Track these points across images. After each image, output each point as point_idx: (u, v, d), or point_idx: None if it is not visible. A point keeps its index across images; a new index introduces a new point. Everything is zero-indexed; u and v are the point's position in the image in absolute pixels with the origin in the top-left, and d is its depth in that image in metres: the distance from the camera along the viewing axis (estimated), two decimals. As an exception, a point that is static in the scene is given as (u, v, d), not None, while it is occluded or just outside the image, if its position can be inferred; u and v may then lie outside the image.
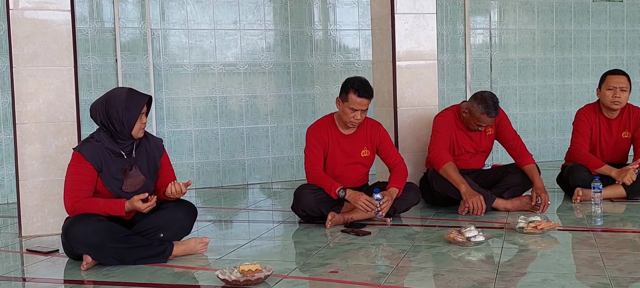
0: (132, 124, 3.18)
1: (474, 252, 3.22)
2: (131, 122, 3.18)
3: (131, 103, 3.18)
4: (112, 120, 3.18)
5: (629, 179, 4.28)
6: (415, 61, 4.72)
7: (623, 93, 4.44)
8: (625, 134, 4.57)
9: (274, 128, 6.02)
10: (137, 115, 3.19)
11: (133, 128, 3.20)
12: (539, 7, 6.82)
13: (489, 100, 4.12)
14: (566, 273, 2.80)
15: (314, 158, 3.97)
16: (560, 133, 6.83)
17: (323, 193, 3.88)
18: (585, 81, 6.89)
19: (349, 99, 3.87)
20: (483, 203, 3.96)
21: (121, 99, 3.18)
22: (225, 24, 5.83)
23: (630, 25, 7.12)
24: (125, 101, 3.18)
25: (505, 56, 6.76)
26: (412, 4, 4.67)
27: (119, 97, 3.20)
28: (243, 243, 3.63)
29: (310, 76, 6.08)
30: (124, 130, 3.19)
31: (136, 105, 3.19)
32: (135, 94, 3.25)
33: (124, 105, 3.17)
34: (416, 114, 4.70)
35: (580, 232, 3.61)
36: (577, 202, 4.35)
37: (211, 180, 5.84)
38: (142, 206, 3.11)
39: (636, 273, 2.77)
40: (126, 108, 3.17)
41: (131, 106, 3.17)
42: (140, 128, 3.23)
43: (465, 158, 4.39)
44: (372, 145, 4.12)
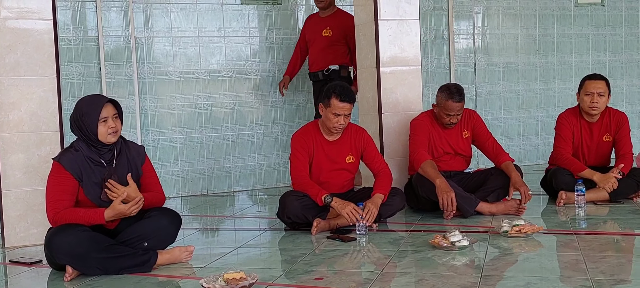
0: (94, 128, 3.16)
1: (459, 256, 3.24)
2: (93, 127, 3.16)
3: (90, 107, 3.18)
4: (81, 128, 3.18)
5: (611, 187, 4.33)
6: (399, 67, 4.74)
7: (601, 98, 4.49)
8: (606, 137, 4.62)
9: (259, 135, 6.02)
10: (96, 118, 3.15)
11: (97, 132, 3.18)
12: (521, 12, 6.87)
13: (452, 86, 4.31)
14: (549, 277, 2.82)
15: (300, 164, 3.97)
16: (545, 136, 6.88)
17: (308, 200, 3.88)
18: (568, 85, 6.95)
19: (331, 104, 3.89)
20: (454, 201, 4.00)
21: (82, 106, 3.20)
22: (210, 31, 5.82)
23: (611, 29, 7.19)
24: (85, 106, 3.19)
25: (489, 61, 6.81)
26: (396, 10, 4.69)
27: (81, 104, 3.22)
28: (228, 251, 3.62)
29: (295, 82, 6.08)
30: (90, 135, 3.18)
31: (94, 109, 3.17)
32: (95, 98, 3.26)
33: (84, 111, 3.17)
34: (401, 119, 4.72)
35: (563, 235, 3.64)
36: (560, 205, 4.39)
37: (196, 187, 5.82)
38: (124, 207, 3.10)
39: (618, 275, 2.80)
40: (86, 113, 3.17)
41: (90, 110, 3.17)
42: (107, 133, 3.19)
43: (446, 159, 4.44)
44: (357, 151, 4.13)
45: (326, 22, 5.58)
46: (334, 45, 5.52)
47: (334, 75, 5.47)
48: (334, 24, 5.54)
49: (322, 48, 5.55)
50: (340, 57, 5.54)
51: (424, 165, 4.18)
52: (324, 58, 5.54)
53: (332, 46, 5.52)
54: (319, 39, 5.57)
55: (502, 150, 4.42)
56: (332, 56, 5.53)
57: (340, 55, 5.54)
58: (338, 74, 5.48)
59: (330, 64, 5.51)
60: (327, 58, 5.53)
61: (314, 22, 5.70)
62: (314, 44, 5.64)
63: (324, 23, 5.58)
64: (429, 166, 4.17)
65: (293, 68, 5.86)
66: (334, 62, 5.53)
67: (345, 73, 5.54)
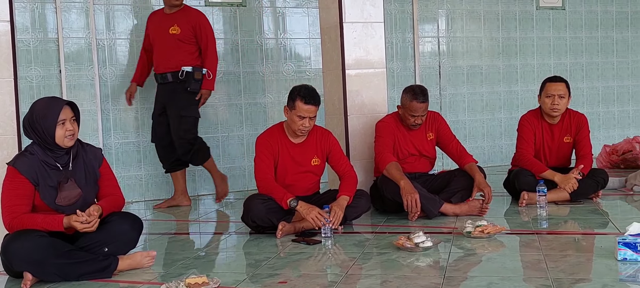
0: (52, 131, 3.10)
1: (423, 257, 3.25)
2: (50, 130, 3.10)
3: (48, 110, 3.11)
4: (36, 131, 3.10)
5: (571, 187, 4.41)
6: (364, 69, 4.75)
7: (561, 100, 4.57)
8: (567, 138, 4.69)
9: (224, 137, 5.97)
10: (54, 122, 3.09)
11: (54, 135, 3.11)
12: (485, 16, 6.96)
13: (416, 88, 4.35)
14: (511, 276, 2.85)
15: (265, 167, 3.95)
16: (508, 138, 6.97)
17: (273, 203, 3.86)
18: (531, 87, 7.06)
19: (296, 106, 3.87)
20: (418, 202, 4.03)
21: (39, 108, 3.13)
22: (174, 33, 5.75)
23: (572, 32, 7.34)
24: (43, 109, 3.12)
25: (454, 63, 6.87)
26: (360, 13, 4.70)
27: (37, 106, 3.15)
28: (192, 255, 3.58)
29: (261, 85, 6.06)
30: (47, 138, 3.11)
31: (52, 112, 3.10)
32: (53, 101, 3.19)
33: (41, 114, 3.10)
34: (366, 122, 4.73)
35: (526, 235, 3.68)
36: (523, 206, 4.44)
37: (161, 191, 5.75)
38: (80, 226, 3.04)
39: (578, 274, 2.84)
40: (43, 116, 3.10)
41: (48, 114, 3.10)
42: (65, 136, 3.13)
43: (411, 161, 4.46)
44: (323, 154, 4.12)
45: (173, 19, 5.09)
46: (182, 44, 5.07)
47: (187, 78, 5.04)
48: (182, 21, 5.07)
49: (170, 47, 5.06)
50: (191, 57, 5.09)
51: (389, 166, 4.21)
52: (173, 58, 5.06)
53: (180, 45, 5.06)
54: (165, 37, 5.07)
55: (466, 151, 4.47)
56: (182, 56, 5.06)
57: (191, 55, 5.09)
58: (192, 77, 5.04)
59: (181, 64, 5.04)
60: (177, 58, 5.05)
61: (159, 19, 5.18)
62: (159, 42, 5.12)
63: (171, 20, 5.09)
64: (394, 168, 4.19)
65: (140, 74, 5.38)
66: (186, 63, 5.06)
67: (199, 75, 5.08)
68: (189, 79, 5.05)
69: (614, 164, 6.23)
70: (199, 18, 5.12)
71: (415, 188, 4.08)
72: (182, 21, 5.08)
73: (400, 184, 4.10)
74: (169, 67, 5.08)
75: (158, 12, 5.28)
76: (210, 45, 5.15)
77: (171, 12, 5.13)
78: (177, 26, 5.06)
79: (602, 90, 7.53)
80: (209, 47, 5.14)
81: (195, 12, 5.18)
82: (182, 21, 5.08)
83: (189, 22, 5.08)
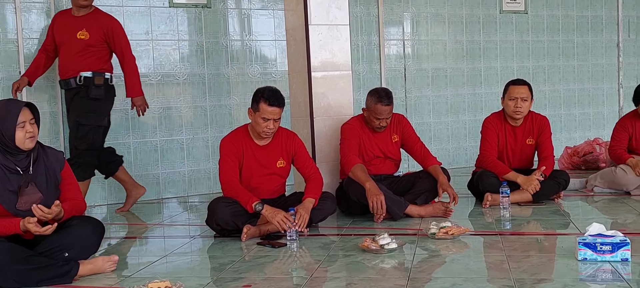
0: (11, 134, 3.03)
1: (387, 259, 3.26)
2: (9, 132, 3.03)
3: (6, 113, 3.04)
4: None
5: (533, 189, 4.48)
6: (330, 72, 4.75)
7: (524, 103, 4.64)
8: (529, 140, 4.77)
9: (189, 140, 5.91)
10: (14, 124, 3.03)
11: (14, 138, 3.04)
12: (449, 19, 7.03)
13: (381, 90, 4.39)
14: (474, 277, 2.87)
15: (229, 170, 3.92)
16: (473, 140, 7.05)
17: (238, 206, 3.83)
18: (494, 89, 7.15)
19: (260, 108, 3.85)
20: (383, 204, 4.05)
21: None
22: (137, 34, 5.67)
23: (534, 35, 7.46)
24: (1, 112, 3.05)
25: (419, 66, 6.93)
26: (326, 15, 4.70)
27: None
28: (155, 259, 3.53)
29: (226, 87, 6.02)
30: (7, 141, 3.03)
31: (11, 114, 3.04)
32: (11, 103, 3.13)
33: (0, 116, 3.03)
34: (332, 124, 4.73)
35: (489, 236, 3.72)
36: (486, 207, 4.50)
37: (123, 195, 5.63)
38: (33, 228, 2.97)
39: (540, 274, 2.88)
40: (2, 119, 3.03)
41: (6, 116, 3.03)
42: (25, 138, 3.06)
43: (376, 163, 4.48)
44: (288, 156, 4.11)
45: (82, 22, 4.79)
46: (91, 48, 4.78)
47: (87, 83, 4.75)
48: (93, 26, 4.78)
49: (77, 52, 4.77)
50: (99, 62, 4.80)
51: (354, 169, 4.21)
52: (79, 63, 4.76)
53: (89, 51, 4.77)
54: (73, 41, 4.76)
55: (430, 153, 4.50)
56: (88, 61, 4.77)
57: (99, 60, 4.80)
58: (92, 82, 4.75)
59: (84, 70, 4.75)
60: (82, 63, 4.76)
61: (66, 21, 4.86)
62: (66, 46, 4.82)
63: (80, 23, 4.78)
64: (359, 170, 4.20)
65: (35, 71, 4.98)
66: (90, 67, 4.76)
67: (100, 81, 4.77)
68: (89, 84, 4.75)
69: (575, 166, 6.35)
70: (111, 24, 4.83)
71: (380, 190, 4.10)
72: (93, 26, 4.78)
73: (366, 186, 4.11)
74: (74, 72, 4.79)
75: (65, 12, 4.95)
76: (126, 52, 4.87)
77: (79, 14, 4.83)
78: (86, 31, 4.76)
79: (563, 93, 7.67)
80: (124, 54, 4.86)
81: (107, 18, 4.87)
82: (93, 26, 4.78)
83: (100, 27, 4.79)
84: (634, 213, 4.19)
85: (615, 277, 2.81)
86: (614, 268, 2.90)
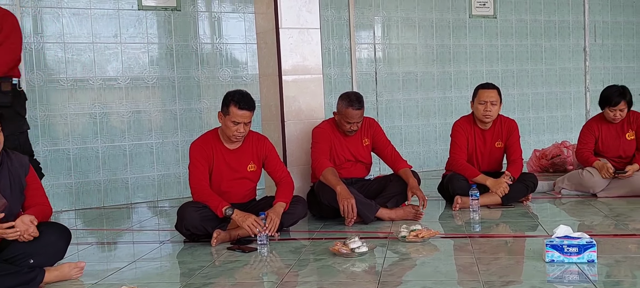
0: None
1: (358, 262, 3.26)
2: None
3: None
4: None
5: (502, 191, 4.53)
6: (301, 75, 4.74)
7: (493, 106, 4.69)
8: (498, 143, 4.82)
9: (159, 144, 5.85)
10: None
11: None
12: (420, 23, 7.08)
13: (352, 95, 4.39)
14: (443, 280, 2.89)
15: (199, 174, 3.88)
16: (443, 143, 7.11)
17: (208, 211, 3.79)
18: (464, 93, 7.22)
19: (230, 112, 3.82)
20: (354, 208, 4.06)
21: None
22: (105, 37, 5.60)
23: (503, 40, 7.56)
24: None
25: (390, 70, 6.96)
26: (297, 19, 4.69)
27: None
28: (124, 265, 3.47)
29: (196, 90, 5.97)
30: None
31: None
32: None
33: None
34: (303, 128, 4.72)
35: (459, 239, 3.75)
36: (456, 210, 4.53)
37: (92, 200, 5.57)
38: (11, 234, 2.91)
39: (508, 276, 2.91)
40: None
41: None
42: None
43: (347, 166, 4.49)
44: (259, 159, 4.09)
45: None
46: None
47: None
48: None
49: None
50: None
51: (325, 172, 4.21)
52: None
53: None
54: None
55: (400, 157, 4.52)
56: None
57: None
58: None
59: None
60: None
61: None
62: None
63: None
64: (330, 173, 4.20)
65: None
66: None
67: (7, 87, 4.07)
68: None
69: (544, 168, 6.44)
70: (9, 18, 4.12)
71: (351, 194, 4.10)
72: None
73: (337, 190, 4.11)
74: None
75: None
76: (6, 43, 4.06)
77: None
78: None
79: (532, 97, 7.78)
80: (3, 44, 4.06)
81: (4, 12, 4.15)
82: None
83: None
84: (600, 215, 4.26)
85: (582, 278, 2.85)
86: (581, 270, 2.94)
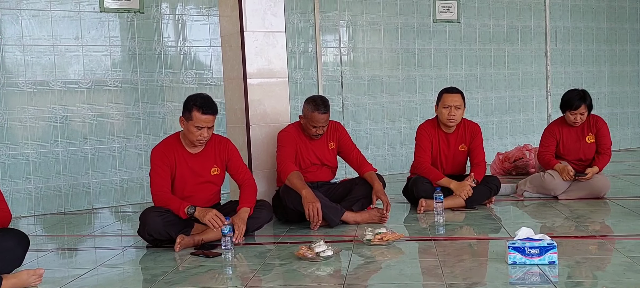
0: None
1: (323, 266, 3.25)
2: None
3: None
4: None
5: (466, 194, 4.57)
6: (266, 79, 4.72)
7: (457, 110, 4.74)
8: (461, 147, 4.87)
9: (121, 148, 5.75)
10: None
11: None
12: (385, 27, 7.12)
13: (317, 99, 4.39)
14: (408, 283, 2.90)
15: (160, 180, 3.83)
16: (408, 146, 7.15)
17: (171, 216, 3.74)
18: (429, 97, 7.28)
19: (193, 117, 3.78)
20: (320, 211, 4.06)
21: None
22: (66, 39, 5.49)
23: (467, 44, 7.65)
24: None
25: (355, 74, 6.98)
26: (262, 22, 4.67)
27: None
28: (85, 272, 3.40)
29: (160, 93, 5.89)
30: None
31: None
32: None
33: None
34: (269, 131, 4.70)
35: (423, 241, 3.77)
36: (421, 213, 4.56)
37: (52, 205, 5.45)
38: None
39: (472, 278, 2.93)
40: None
41: None
42: None
43: (313, 170, 4.48)
44: (222, 162, 4.05)
45: None
46: None
47: None
48: None
49: None
50: None
51: (291, 176, 4.19)
52: None
53: None
54: None
55: (366, 160, 4.53)
56: None
57: None
58: None
59: None
60: None
61: None
62: None
63: None
64: (296, 177, 4.19)
65: None
66: None
67: None
68: None
69: (507, 171, 6.53)
70: None
71: (317, 198, 4.09)
72: None
73: (302, 193, 4.10)
74: None
75: None
76: None
77: None
78: None
79: (495, 100, 7.89)
80: None
81: None
82: None
83: None
84: (561, 217, 4.33)
85: (543, 279, 2.89)
86: (542, 271, 2.98)
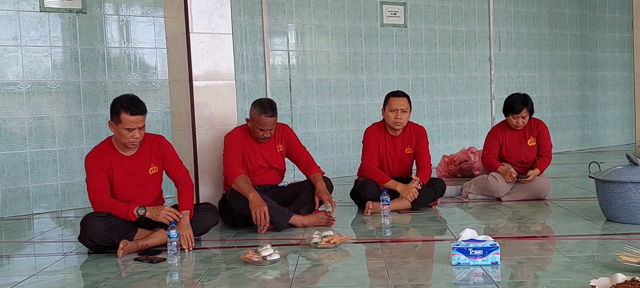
0: None
1: (270, 270, 3.23)
2: None
3: None
4: None
5: (412, 196, 4.63)
6: (213, 81, 4.66)
7: (404, 114, 4.79)
8: (408, 149, 4.92)
9: (62, 152, 5.59)
10: None
11: None
12: (333, 31, 7.15)
13: (265, 102, 4.36)
14: (355, 285, 2.90)
15: (98, 186, 3.72)
16: (356, 149, 7.20)
17: (114, 220, 3.65)
18: (376, 100, 7.34)
19: (122, 119, 3.70)
20: (267, 215, 4.04)
21: None
22: (4, 39, 5.30)
23: (413, 49, 7.75)
24: None
25: (304, 77, 6.98)
26: (208, 24, 4.62)
27: None
28: (23, 279, 3.29)
29: (103, 96, 5.75)
30: None
31: None
32: None
33: None
34: (216, 134, 4.64)
35: (370, 244, 3.79)
36: (368, 215, 4.58)
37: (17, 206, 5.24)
38: None
39: (417, 280, 2.96)
40: None
41: None
42: None
43: (261, 173, 4.45)
44: (158, 160, 3.97)
45: None
46: None
47: None
48: None
49: None
50: None
51: (238, 180, 4.15)
52: None
53: None
54: None
55: (313, 162, 4.54)
56: None
57: None
58: None
59: None
60: None
61: None
62: None
63: None
64: (243, 181, 4.15)
65: None
66: None
67: None
68: None
69: (452, 173, 6.64)
70: None
71: (264, 201, 4.06)
72: None
73: (249, 197, 4.06)
74: None
75: None
76: None
77: None
78: None
79: (440, 104, 8.02)
80: None
81: None
82: None
83: None
84: (504, 218, 4.43)
85: (486, 280, 2.94)
86: (485, 272, 3.03)
